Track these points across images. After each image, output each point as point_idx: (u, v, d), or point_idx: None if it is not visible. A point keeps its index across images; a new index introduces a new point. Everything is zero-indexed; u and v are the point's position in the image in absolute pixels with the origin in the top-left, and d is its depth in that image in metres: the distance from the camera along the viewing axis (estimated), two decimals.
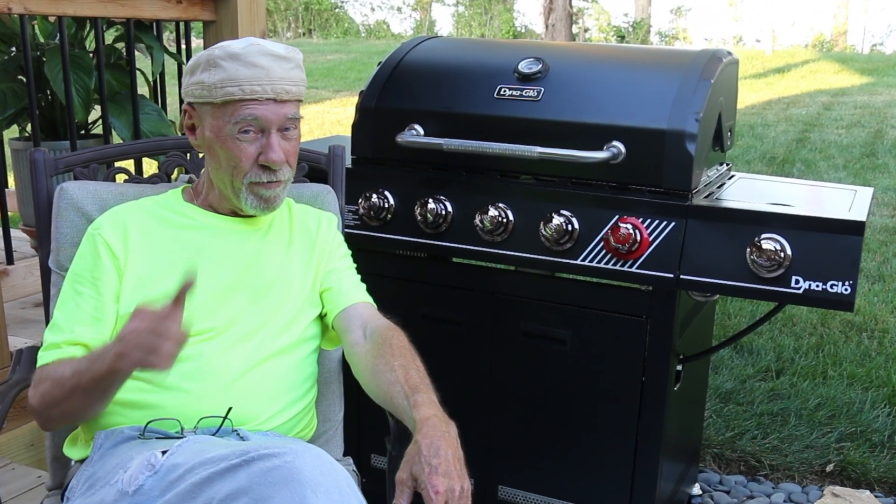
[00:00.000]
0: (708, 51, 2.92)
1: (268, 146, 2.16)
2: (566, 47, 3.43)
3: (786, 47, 27.38)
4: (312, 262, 2.40)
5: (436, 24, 49.45)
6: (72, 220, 2.44)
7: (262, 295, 2.28)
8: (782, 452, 3.95)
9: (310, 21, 45.39)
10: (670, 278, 2.65)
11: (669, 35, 39.28)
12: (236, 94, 2.12)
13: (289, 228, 2.41)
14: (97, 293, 2.15)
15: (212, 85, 2.13)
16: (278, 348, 2.27)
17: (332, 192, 2.73)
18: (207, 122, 2.18)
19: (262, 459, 1.74)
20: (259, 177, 2.18)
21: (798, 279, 2.53)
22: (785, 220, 2.57)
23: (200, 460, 1.83)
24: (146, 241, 2.22)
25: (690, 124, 2.65)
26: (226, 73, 2.12)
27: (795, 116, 12.47)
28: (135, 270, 2.18)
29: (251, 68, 2.12)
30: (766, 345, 4.99)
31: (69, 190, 2.46)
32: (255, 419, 2.19)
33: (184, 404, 2.12)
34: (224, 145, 2.16)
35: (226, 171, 2.19)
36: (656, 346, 2.76)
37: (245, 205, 2.22)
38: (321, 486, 1.72)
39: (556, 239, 2.75)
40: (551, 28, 22.85)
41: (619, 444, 2.88)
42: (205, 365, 2.15)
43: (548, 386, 2.95)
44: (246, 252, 2.30)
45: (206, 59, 2.15)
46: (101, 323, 2.13)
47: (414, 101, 3.04)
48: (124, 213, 2.28)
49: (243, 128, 2.14)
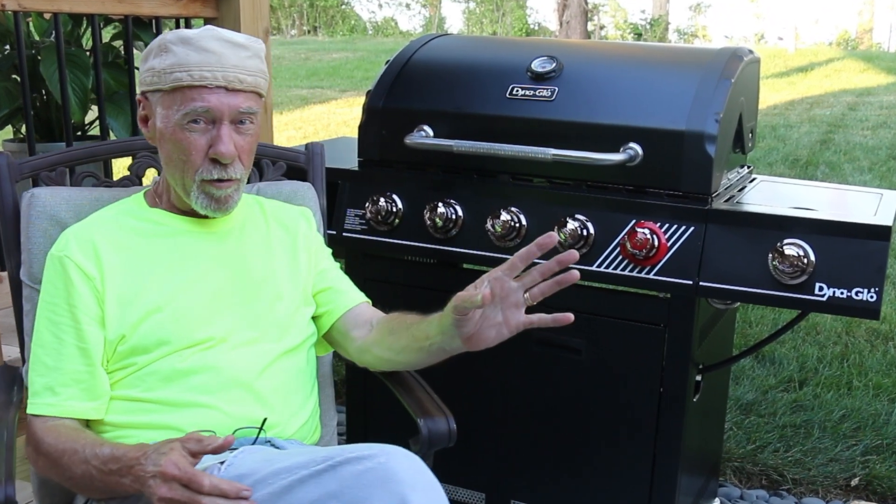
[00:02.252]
0: (728, 49, 2.92)
1: (217, 137, 2.10)
2: (581, 45, 3.43)
3: (809, 45, 27.37)
4: (298, 259, 2.40)
5: (446, 21, 49.53)
6: (44, 228, 2.39)
7: (252, 297, 2.27)
8: (805, 466, 3.94)
9: (315, 18, 45.47)
10: (689, 285, 2.64)
11: (688, 33, 39.32)
12: (184, 80, 2.06)
13: (265, 225, 2.39)
14: (75, 321, 2.11)
15: (161, 70, 2.08)
16: (282, 350, 2.28)
17: (311, 189, 2.75)
18: (158, 112, 2.13)
19: (350, 463, 1.80)
20: (210, 173, 2.12)
21: (822, 286, 2.53)
22: (808, 224, 2.56)
23: (273, 469, 1.87)
24: (121, 257, 2.17)
25: (710, 125, 2.65)
26: (175, 57, 2.07)
27: (819, 117, 12.45)
28: (115, 290, 2.13)
29: (202, 53, 2.07)
30: (789, 354, 4.98)
31: (40, 196, 2.41)
32: (275, 424, 2.20)
33: (207, 419, 2.13)
34: (173, 137, 2.10)
35: (176, 167, 2.14)
36: (674, 355, 2.76)
37: (196, 204, 2.17)
38: (419, 484, 1.80)
39: (570, 244, 2.75)
40: (566, 25, 22.85)
41: (636, 457, 2.88)
42: (215, 377, 2.15)
43: (561, 397, 2.95)
44: (226, 254, 2.28)
45: (158, 45, 2.11)
46: (87, 353, 2.10)
47: (423, 102, 3.04)
48: (89, 230, 2.20)
49: (192, 117, 2.08)
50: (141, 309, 2.12)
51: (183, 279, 2.19)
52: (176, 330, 2.13)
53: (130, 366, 2.12)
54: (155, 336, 2.12)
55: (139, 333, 2.11)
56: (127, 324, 2.11)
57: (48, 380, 2.09)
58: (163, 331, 2.12)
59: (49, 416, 2.06)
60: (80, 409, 2.08)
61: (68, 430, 2.03)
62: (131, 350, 2.12)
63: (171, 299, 2.15)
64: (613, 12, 41.54)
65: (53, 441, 2.00)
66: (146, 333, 2.11)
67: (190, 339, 2.14)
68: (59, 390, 2.08)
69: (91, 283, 2.12)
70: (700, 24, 42.96)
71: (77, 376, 2.08)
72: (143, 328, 2.11)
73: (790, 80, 16.20)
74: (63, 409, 2.07)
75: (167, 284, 2.16)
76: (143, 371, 2.12)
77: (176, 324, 2.14)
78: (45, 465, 2.03)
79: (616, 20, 40.28)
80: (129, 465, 1.83)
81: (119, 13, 3.96)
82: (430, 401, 2.34)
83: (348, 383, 3.29)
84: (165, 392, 2.11)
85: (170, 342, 2.12)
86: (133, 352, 2.12)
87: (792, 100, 14.14)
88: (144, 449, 1.83)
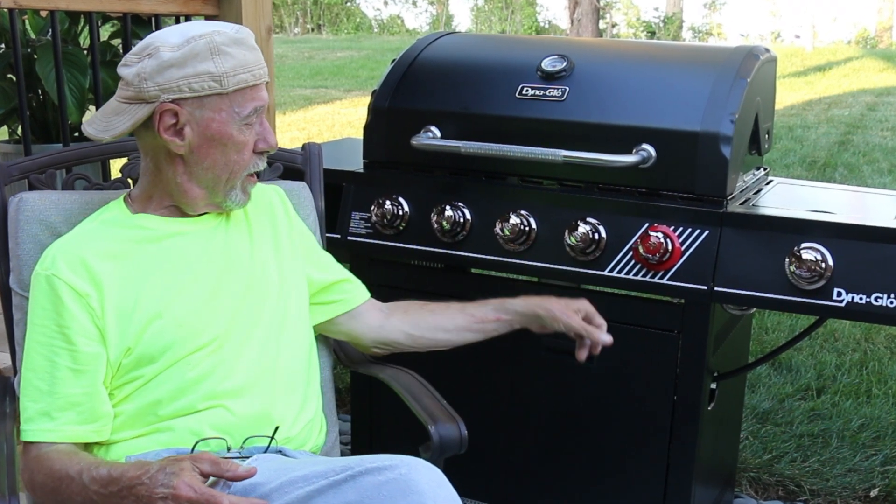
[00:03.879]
0: (744, 47, 2.92)
1: (266, 130, 2.19)
2: (593, 44, 3.43)
3: (827, 44, 27.38)
4: (281, 244, 2.42)
5: (453, 18, 49.62)
6: (34, 233, 2.35)
7: (244, 291, 2.28)
8: (823, 476, 3.93)
9: (319, 16, 45.54)
10: (704, 290, 2.64)
11: (703, 31, 39.34)
12: (250, 81, 2.12)
13: (244, 214, 2.39)
14: (68, 342, 2.08)
15: (223, 74, 2.08)
16: (283, 344, 2.31)
17: (307, 188, 2.77)
18: (208, 117, 2.11)
19: (370, 473, 1.82)
20: (257, 166, 2.21)
21: (840, 291, 2.53)
22: (826, 228, 2.56)
23: (289, 478, 1.89)
24: (114, 268, 2.15)
25: (725, 126, 2.65)
26: (235, 59, 2.10)
27: (837, 117, 12.45)
28: (113, 303, 2.11)
29: (252, 51, 2.14)
30: (806, 361, 4.97)
31: (29, 200, 2.37)
32: (282, 422, 2.21)
33: (217, 421, 2.14)
34: (232, 139, 2.13)
35: (223, 169, 2.16)
36: (689, 362, 2.76)
37: (231, 202, 2.23)
38: (439, 496, 1.83)
39: (581, 248, 2.75)
40: (577, 23, 22.88)
41: (649, 467, 2.88)
42: (222, 380, 2.16)
43: (572, 405, 2.95)
44: (216, 250, 2.28)
45: (206, 48, 2.09)
46: (82, 374, 2.08)
47: (430, 102, 3.04)
48: (76, 245, 2.17)
49: (254, 116, 2.15)
50: (142, 318, 2.12)
51: (179, 282, 2.19)
52: (179, 334, 2.14)
53: (137, 378, 2.12)
54: (159, 343, 2.12)
55: (143, 343, 2.11)
56: (130, 335, 2.10)
57: (43, 405, 2.06)
58: (166, 337, 2.12)
59: (45, 443, 2.05)
60: (79, 433, 2.07)
61: (62, 455, 2.02)
62: (137, 362, 2.11)
63: (169, 304, 2.15)
64: (626, 10, 41.55)
65: (48, 469, 2.00)
66: (150, 342, 2.11)
67: (195, 342, 2.15)
68: (55, 415, 2.06)
69: (84, 301, 2.09)
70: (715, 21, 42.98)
71: (74, 399, 2.07)
72: (146, 337, 2.11)
73: (807, 80, 16.20)
74: (61, 434, 2.05)
75: (164, 290, 2.16)
76: (151, 383, 2.12)
77: (179, 328, 2.14)
78: (43, 494, 2.03)
79: (628, 18, 40.31)
80: (130, 485, 1.83)
81: (117, 10, 3.97)
82: (440, 407, 2.34)
83: (353, 391, 3.30)
84: (176, 403, 2.12)
85: (175, 348, 2.13)
86: (139, 363, 2.11)
87: (809, 100, 14.15)
88: (146, 468, 1.83)
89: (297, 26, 44.70)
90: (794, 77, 16.45)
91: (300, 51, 23.01)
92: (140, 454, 2.08)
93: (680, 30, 33.10)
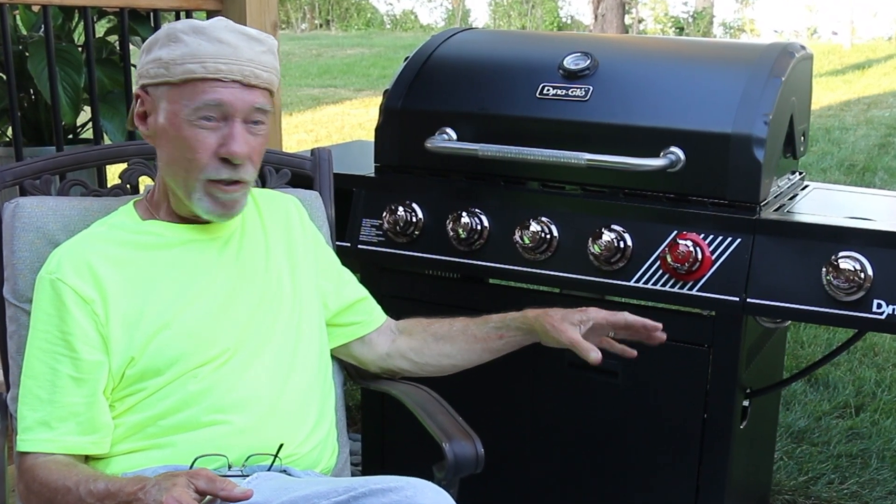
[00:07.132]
0: (778, 44, 2.92)
1: (230, 136, 2.10)
2: (618, 41, 3.43)
3: (866, 40, 27.26)
4: (297, 256, 2.43)
5: (470, 13, 49.55)
6: (31, 241, 2.35)
7: (258, 303, 2.29)
8: (862, 499, 3.93)
9: (328, 11, 45.53)
10: (735, 302, 2.64)
11: (735, 27, 39.19)
12: (197, 72, 2.06)
13: (260, 223, 2.39)
14: (71, 350, 2.09)
15: (170, 61, 2.07)
16: (296, 361, 2.31)
17: (319, 198, 2.76)
18: (162, 107, 2.12)
19: (374, 495, 1.82)
20: (218, 172, 2.12)
21: (880, 303, 2.52)
22: (865, 236, 2.56)
23: (291, 498, 1.89)
24: (121, 275, 2.16)
25: (759, 128, 2.65)
26: (187, 48, 2.07)
27: (877, 119, 12.43)
28: (119, 311, 2.12)
29: (216, 44, 2.08)
30: (844, 377, 4.96)
31: (26, 207, 2.37)
32: (290, 442, 2.21)
33: (221, 438, 2.14)
34: (179, 133, 2.10)
35: (180, 166, 2.14)
36: (720, 378, 2.75)
37: (199, 208, 2.17)
38: None
39: (606, 258, 2.75)
40: (601, 19, 22.85)
41: (678, 488, 2.87)
42: (229, 395, 2.16)
43: (597, 423, 2.95)
44: (229, 260, 2.29)
45: (165, 34, 2.10)
46: (84, 384, 2.09)
47: (445, 102, 3.04)
48: (82, 249, 2.18)
49: (204, 113, 2.08)
50: (148, 328, 2.12)
51: (188, 292, 2.19)
52: (187, 346, 2.14)
53: (140, 391, 2.13)
54: (166, 355, 2.12)
55: (149, 354, 2.12)
56: (135, 345, 2.11)
57: (42, 414, 2.07)
58: (173, 349, 2.13)
59: (43, 453, 2.06)
60: (77, 445, 2.08)
61: (59, 466, 2.03)
62: (141, 374, 2.12)
63: (178, 314, 2.16)
64: (653, 4, 41.46)
65: (44, 480, 2.00)
66: (156, 353, 2.12)
67: (203, 355, 2.15)
68: (55, 425, 2.07)
69: (89, 308, 2.10)
70: (747, 17, 42.83)
71: (74, 409, 2.07)
72: (152, 348, 2.12)
73: (846, 79, 16.18)
74: (60, 444, 2.07)
75: (172, 299, 2.17)
76: (155, 395, 2.13)
77: (186, 340, 2.15)
78: (35, 501, 2.04)
79: (656, 13, 40.21)
80: (126, 500, 1.84)
81: (114, 5, 3.98)
82: (455, 424, 2.34)
83: (364, 408, 3.30)
84: (179, 416, 2.13)
85: (182, 360, 2.13)
86: (143, 375, 2.12)
87: (847, 100, 14.12)
88: (143, 482, 1.83)
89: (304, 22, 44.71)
90: (832, 76, 16.43)
91: (308, 48, 23.05)
92: (138, 470, 2.08)
93: (710, 26, 33.05)
